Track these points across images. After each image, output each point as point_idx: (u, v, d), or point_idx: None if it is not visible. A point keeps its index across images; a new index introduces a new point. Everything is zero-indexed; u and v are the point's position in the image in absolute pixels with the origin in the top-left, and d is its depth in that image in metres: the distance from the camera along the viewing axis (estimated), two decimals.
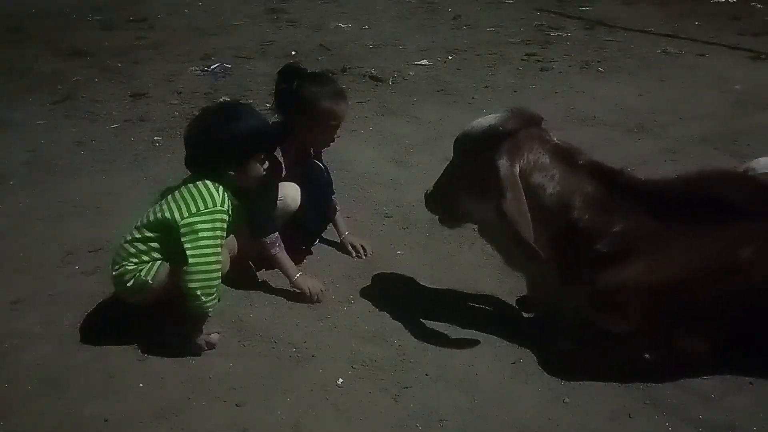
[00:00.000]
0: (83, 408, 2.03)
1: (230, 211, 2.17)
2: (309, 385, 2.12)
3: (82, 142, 3.86)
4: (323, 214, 2.78)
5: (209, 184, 2.17)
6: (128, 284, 2.18)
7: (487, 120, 2.19)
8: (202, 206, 2.12)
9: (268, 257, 2.51)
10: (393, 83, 4.75)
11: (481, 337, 2.31)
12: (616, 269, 2.01)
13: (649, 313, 2.01)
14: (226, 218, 2.16)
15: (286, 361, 2.23)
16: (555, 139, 2.20)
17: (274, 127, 2.43)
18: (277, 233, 2.48)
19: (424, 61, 5.17)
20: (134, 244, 2.18)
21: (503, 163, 2.09)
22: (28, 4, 6.61)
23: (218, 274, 2.14)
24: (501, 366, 2.19)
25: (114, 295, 2.47)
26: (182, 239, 2.09)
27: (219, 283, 2.15)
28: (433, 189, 2.40)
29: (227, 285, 2.54)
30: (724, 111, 4.26)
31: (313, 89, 2.50)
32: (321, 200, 2.74)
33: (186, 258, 2.07)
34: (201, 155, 2.20)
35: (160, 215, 2.16)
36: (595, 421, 1.98)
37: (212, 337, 2.26)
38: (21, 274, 2.67)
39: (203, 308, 2.13)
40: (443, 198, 2.36)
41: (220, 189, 2.17)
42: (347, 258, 2.79)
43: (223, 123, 2.19)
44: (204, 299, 2.11)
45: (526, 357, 2.22)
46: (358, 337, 2.34)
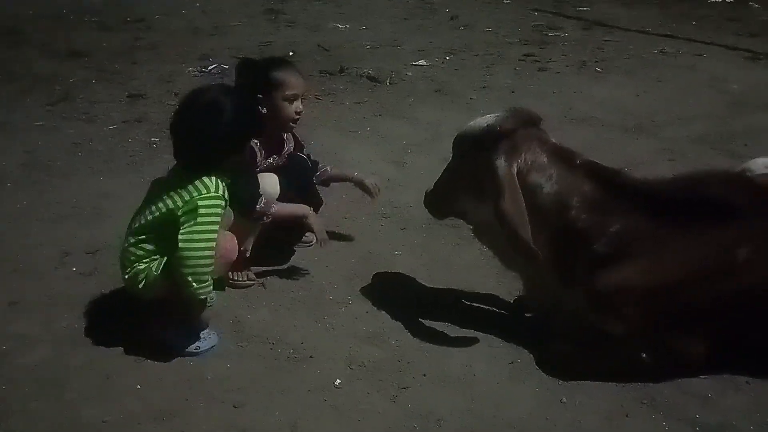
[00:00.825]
0: (81, 409, 2.02)
1: (226, 197, 2.15)
2: (307, 386, 2.12)
3: (80, 143, 3.85)
4: (312, 198, 2.75)
5: (202, 173, 2.14)
6: (141, 284, 2.18)
7: (486, 120, 2.20)
8: (197, 193, 2.10)
9: (270, 220, 2.46)
10: (391, 84, 4.76)
11: (479, 337, 2.31)
12: (612, 270, 2.01)
13: (645, 313, 2.01)
14: (223, 204, 2.14)
15: (284, 362, 2.23)
16: (553, 139, 2.20)
17: (253, 103, 2.40)
18: (264, 199, 2.45)
19: (422, 62, 5.17)
20: (139, 246, 2.17)
21: (501, 162, 2.10)
22: (25, 5, 6.60)
23: (209, 261, 2.08)
24: (499, 366, 2.20)
25: (113, 295, 2.49)
26: (181, 225, 2.08)
27: (211, 271, 2.10)
28: (433, 189, 2.41)
29: (224, 287, 2.56)
30: (721, 111, 4.27)
31: (265, 67, 2.55)
32: (305, 188, 2.72)
33: (177, 244, 2.06)
34: (196, 150, 2.15)
35: (158, 212, 2.14)
36: (592, 420, 1.98)
37: (210, 338, 2.26)
38: (19, 275, 2.67)
39: (196, 295, 2.11)
40: (442, 198, 2.37)
41: (213, 177, 2.14)
42: (345, 259, 2.79)
43: (215, 117, 2.13)
44: (196, 285, 2.08)
45: (524, 357, 2.22)
46: (356, 338, 2.34)
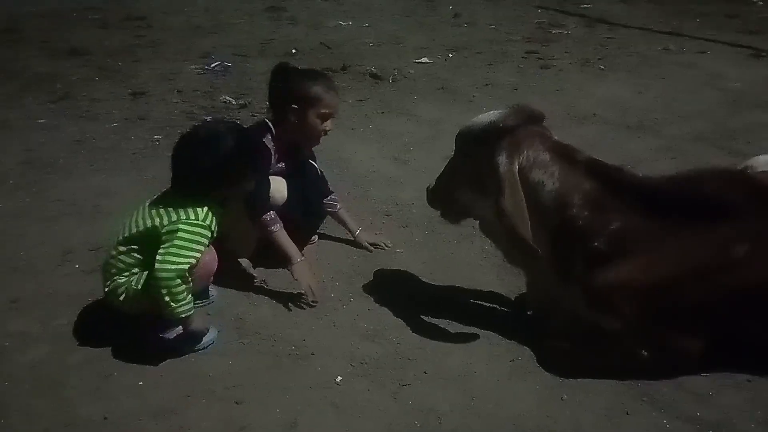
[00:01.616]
0: (81, 407, 2.03)
1: (213, 228, 2.17)
2: (308, 383, 2.12)
3: (81, 141, 3.86)
4: (317, 212, 2.77)
5: (194, 199, 2.16)
6: (121, 297, 2.18)
7: (488, 116, 2.19)
8: (184, 216, 2.12)
9: (267, 237, 2.47)
10: (393, 81, 4.75)
11: (480, 335, 2.31)
12: (612, 267, 2.01)
13: (644, 310, 2.01)
14: (209, 235, 2.15)
15: (285, 359, 2.23)
16: (555, 137, 2.20)
17: (260, 145, 2.41)
18: (274, 212, 2.47)
19: (425, 59, 5.17)
20: (120, 258, 2.18)
21: (502, 159, 2.10)
22: (26, 3, 6.61)
23: (183, 283, 2.07)
24: (499, 364, 2.19)
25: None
26: (161, 245, 2.08)
27: (185, 290, 2.09)
28: (435, 184, 2.41)
29: (226, 284, 2.56)
30: (723, 109, 4.26)
31: (306, 79, 2.54)
32: (313, 198, 2.73)
33: (154, 263, 2.05)
34: (190, 179, 2.17)
35: (143, 226, 2.15)
36: (592, 418, 1.98)
37: (211, 335, 2.27)
38: (19, 273, 2.67)
39: (174, 314, 2.10)
40: (445, 193, 2.36)
41: (205, 208, 2.15)
42: (346, 256, 2.79)
43: (211, 149, 2.16)
44: (174, 305, 2.08)
45: (524, 355, 2.22)
46: (357, 335, 2.34)
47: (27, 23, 6.05)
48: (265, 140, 2.51)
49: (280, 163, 2.59)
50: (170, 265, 2.06)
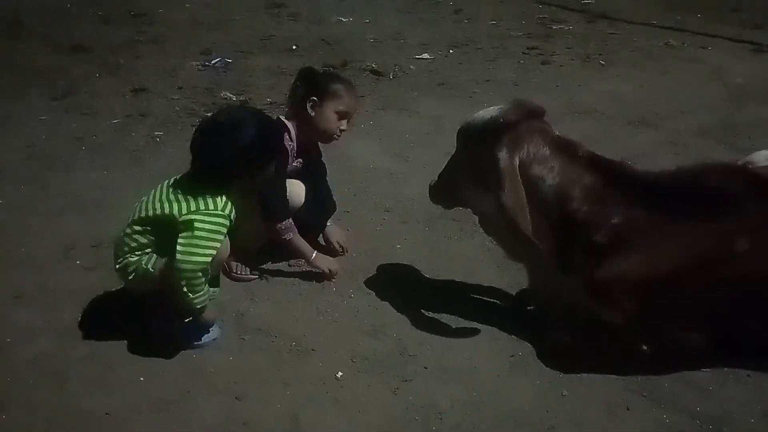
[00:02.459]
0: (83, 401, 2.04)
1: (232, 217, 2.14)
2: (309, 379, 2.13)
3: (83, 137, 3.86)
4: (325, 210, 2.78)
5: (214, 187, 2.13)
6: (131, 276, 2.18)
7: (489, 112, 2.20)
8: (203, 206, 2.10)
9: (281, 242, 2.52)
10: (394, 77, 4.75)
11: (480, 330, 2.31)
12: (612, 261, 2.01)
13: (645, 304, 2.01)
14: (227, 224, 2.13)
15: (286, 354, 2.24)
16: (556, 132, 2.20)
17: (280, 130, 2.39)
18: (291, 219, 2.51)
19: (425, 55, 5.16)
20: (134, 237, 2.17)
21: (503, 154, 2.10)
22: None
23: (202, 275, 2.08)
24: (500, 359, 2.20)
25: (115, 288, 2.49)
26: (179, 234, 2.07)
27: (205, 282, 2.10)
28: (437, 180, 2.41)
29: (227, 280, 2.57)
30: (725, 104, 4.25)
31: (331, 77, 2.63)
32: (323, 195, 2.75)
33: (175, 253, 2.05)
34: (212, 168, 2.12)
35: (160, 210, 2.14)
36: (593, 413, 1.99)
37: (212, 331, 2.27)
38: (21, 268, 2.68)
39: (191, 305, 2.11)
40: (447, 189, 2.37)
41: (224, 198, 2.13)
42: (347, 253, 2.79)
43: (235, 137, 2.11)
44: (191, 296, 2.09)
45: (525, 350, 2.23)
46: (358, 331, 2.34)
47: (30, 18, 6.04)
48: (284, 140, 2.50)
49: (297, 161, 2.60)
50: (194, 257, 2.04)
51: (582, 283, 2.07)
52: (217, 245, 2.10)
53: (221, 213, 2.10)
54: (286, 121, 2.56)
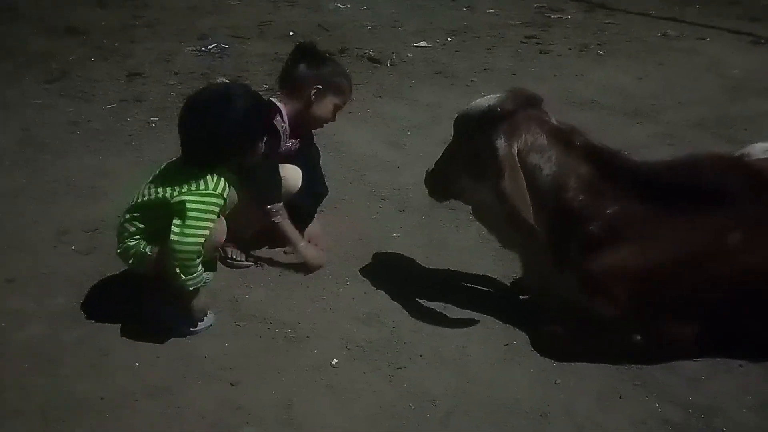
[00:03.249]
0: (77, 386, 2.03)
1: (226, 196, 2.13)
2: (303, 366, 2.13)
3: (77, 122, 3.83)
4: (317, 195, 2.77)
5: (205, 166, 2.13)
6: (131, 261, 2.20)
7: (487, 100, 2.19)
8: (194, 187, 2.09)
9: (271, 225, 2.50)
10: (391, 65, 4.72)
11: (475, 318, 2.32)
12: (606, 252, 2.02)
13: (638, 295, 2.02)
14: (221, 203, 2.12)
15: (281, 341, 2.24)
16: (554, 120, 2.20)
17: (266, 104, 2.35)
18: (282, 203, 2.49)
19: (423, 43, 5.13)
20: (133, 222, 2.18)
21: (501, 143, 2.09)
22: None
23: (197, 256, 2.08)
24: (494, 348, 2.21)
25: (109, 274, 2.50)
26: (173, 216, 2.07)
27: (198, 264, 2.10)
28: (434, 168, 2.41)
29: (222, 266, 2.56)
30: (722, 96, 4.24)
31: (337, 68, 2.61)
32: (315, 179, 2.74)
33: (168, 235, 2.05)
34: (202, 149, 2.11)
35: (154, 195, 2.14)
36: (585, 401, 2.00)
37: (207, 317, 2.27)
38: (15, 252, 2.67)
39: (184, 286, 2.11)
40: (443, 177, 2.36)
41: (217, 177, 2.11)
42: (343, 240, 2.79)
43: (223, 115, 2.09)
44: (184, 277, 2.08)
45: (519, 339, 2.23)
46: (353, 319, 2.35)
47: (25, 1, 5.98)
48: (275, 122, 2.49)
49: (291, 141, 2.59)
50: (187, 238, 2.04)
51: (577, 272, 2.08)
52: (211, 225, 2.09)
53: (213, 192, 2.09)
54: (277, 103, 2.55)
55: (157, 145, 3.54)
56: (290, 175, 2.55)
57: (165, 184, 2.13)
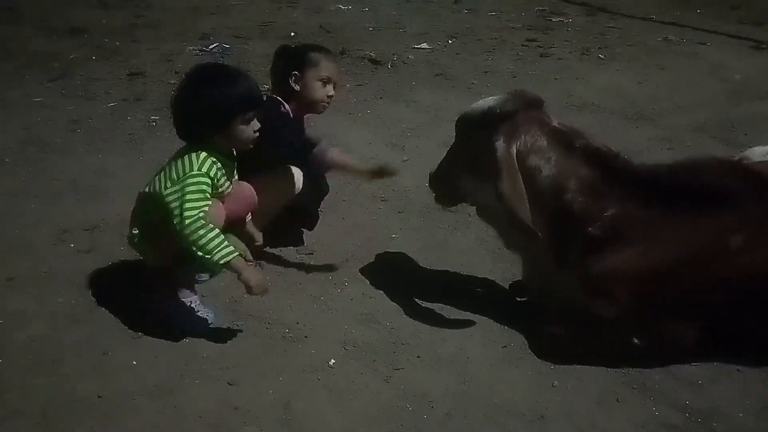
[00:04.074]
0: (76, 385, 2.04)
1: (212, 173, 2.13)
2: (301, 366, 2.14)
3: (78, 121, 3.84)
4: (319, 192, 2.77)
5: (191, 151, 2.15)
6: (140, 252, 2.26)
7: (488, 101, 2.20)
8: (176, 176, 2.12)
9: (330, 163, 2.46)
10: (392, 67, 4.73)
11: (473, 320, 2.32)
12: (606, 254, 2.02)
13: (638, 298, 2.02)
14: (206, 180, 2.11)
15: (279, 341, 2.24)
16: (555, 122, 2.20)
17: (253, 85, 2.28)
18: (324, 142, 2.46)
19: (424, 45, 5.14)
20: (141, 217, 2.23)
21: (500, 144, 2.10)
22: None
23: (205, 231, 2.04)
24: (492, 349, 2.21)
25: (110, 273, 2.51)
26: (169, 207, 2.10)
27: (214, 236, 2.05)
28: (436, 170, 2.41)
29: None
30: (722, 100, 4.26)
31: (304, 48, 2.64)
32: (316, 174, 2.73)
33: (173, 225, 2.07)
34: (183, 123, 2.19)
35: (151, 188, 2.19)
36: (583, 404, 2.00)
37: (207, 317, 2.28)
38: (16, 251, 2.67)
39: (212, 262, 2.06)
40: (446, 179, 2.37)
41: (201, 154, 2.13)
42: (343, 241, 2.80)
43: (198, 89, 2.15)
44: (202, 253, 2.04)
45: (517, 341, 2.24)
46: (351, 319, 2.35)
47: (26, 1, 5.99)
48: (282, 109, 2.52)
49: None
50: (186, 221, 2.04)
51: (577, 274, 2.08)
52: (201, 202, 2.08)
53: (198, 172, 2.11)
54: (277, 98, 2.56)
55: (158, 144, 3.54)
56: (291, 176, 2.55)
57: (160, 177, 2.18)
